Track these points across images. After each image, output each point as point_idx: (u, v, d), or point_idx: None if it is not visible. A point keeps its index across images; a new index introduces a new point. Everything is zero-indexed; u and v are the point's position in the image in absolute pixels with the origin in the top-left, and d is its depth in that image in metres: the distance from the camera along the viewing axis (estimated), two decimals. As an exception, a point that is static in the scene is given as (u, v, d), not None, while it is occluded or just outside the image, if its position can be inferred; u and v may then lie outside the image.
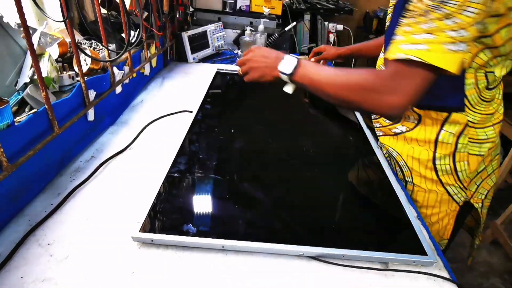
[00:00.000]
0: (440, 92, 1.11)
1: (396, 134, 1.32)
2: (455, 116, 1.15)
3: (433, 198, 1.28)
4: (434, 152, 1.22)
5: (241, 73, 1.39)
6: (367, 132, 1.61)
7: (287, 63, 1.21)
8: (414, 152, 1.26)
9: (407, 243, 1.03)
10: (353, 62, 3.30)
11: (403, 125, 1.29)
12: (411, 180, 1.31)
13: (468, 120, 1.14)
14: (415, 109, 1.22)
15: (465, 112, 1.13)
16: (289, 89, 1.29)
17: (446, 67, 0.85)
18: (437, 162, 1.22)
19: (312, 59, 1.90)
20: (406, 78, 0.91)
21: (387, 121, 1.35)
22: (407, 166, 1.31)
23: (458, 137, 1.17)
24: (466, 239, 1.62)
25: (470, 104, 1.12)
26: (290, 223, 1.07)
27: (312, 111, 1.91)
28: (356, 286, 0.91)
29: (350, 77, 1.03)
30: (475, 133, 1.16)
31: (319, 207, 1.17)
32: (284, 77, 1.25)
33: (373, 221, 1.14)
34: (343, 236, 1.05)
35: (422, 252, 0.98)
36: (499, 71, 1.08)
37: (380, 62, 1.39)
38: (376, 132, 1.46)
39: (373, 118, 1.45)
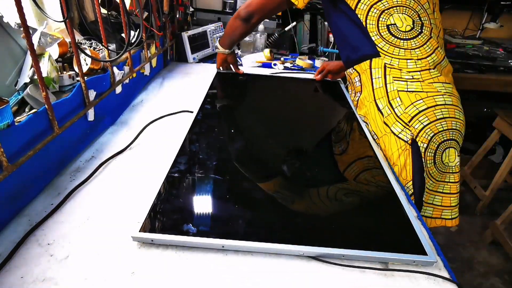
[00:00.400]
0: (357, 45, 1.45)
1: (357, 103, 1.62)
2: (374, 61, 1.42)
3: (387, 141, 1.44)
4: (375, 99, 1.45)
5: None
6: (367, 132, 1.62)
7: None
8: (367, 108, 1.53)
9: (407, 243, 1.03)
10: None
11: (356, 91, 1.61)
12: (374, 133, 1.51)
13: (385, 62, 1.39)
14: (355, 67, 1.54)
15: (381, 57, 1.40)
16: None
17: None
18: (379, 107, 1.44)
19: (318, 76, 2.24)
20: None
21: (353, 95, 1.70)
22: (370, 124, 1.53)
23: (384, 78, 1.40)
24: (466, 239, 1.62)
25: (382, 49, 1.39)
26: (290, 223, 1.07)
27: (312, 111, 1.92)
28: (356, 286, 0.91)
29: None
30: (398, 72, 1.38)
31: (319, 207, 1.17)
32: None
33: (373, 220, 1.13)
34: (343, 236, 1.04)
35: (422, 252, 0.98)
36: (400, 23, 1.37)
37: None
38: (353, 109, 1.72)
39: (353, 99, 1.74)
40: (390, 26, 1.36)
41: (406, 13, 1.35)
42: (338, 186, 1.29)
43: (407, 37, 1.36)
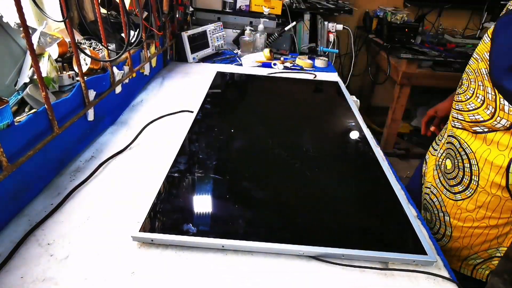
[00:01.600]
0: None
1: (476, 132, 1.28)
2: None
3: (495, 202, 1.25)
4: (510, 160, 1.18)
5: None
6: (367, 132, 1.62)
7: None
8: (490, 155, 1.22)
9: (407, 242, 1.03)
10: (353, 59, 3.31)
11: (486, 126, 1.24)
12: (477, 180, 1.27)
13: None
14: None
15: None
16: None
17: None
18: (511, 169, 1.18)
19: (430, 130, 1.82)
20: None
21: (472, 117, 1.29)
22: (478, 166, 1.26)
23: None
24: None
25: None
26: (290, 223, 1.07)
27: (312, 111, 1.92)
28: (356, 285, 0.91)
29: None
30: None
31: (318, 207, 1.17)
32: None
33: (372, 220, 1.13)
34: (343, 235, 1.05)
35: (422, 252, 0.98)
36: None
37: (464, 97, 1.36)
38: (452, 123, 1.42)
39: (456, 108, 1.39)
40: None
41: None
42: (338, 186, 1.29)
43: None
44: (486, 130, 1.24)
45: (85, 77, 1.33)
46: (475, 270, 1.39)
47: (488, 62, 1.22)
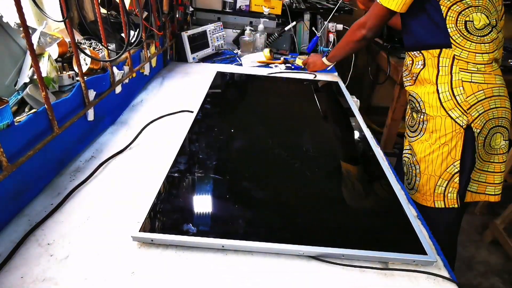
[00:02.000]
0: (431, 34, 1.55)
1: (414, 79, 1.69)
2: (444, 51, 1.53)
3: (439, 122, 1.57)
4: (437, 84, 1.56)
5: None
6: (367, 132, 1.62)
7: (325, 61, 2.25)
8: (425, 89, 1.62)
9: (407, 242, 1.03)
10: (353, 59, 3.30)
11: (413, 72, 1.69)
12: (424, 111, 1.62)
13: (455, 54, 1.51)
14: (421, 52, 1.62)
15: (452, 48, 1.51)
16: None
17: (392, 7, 1.54)
18: (440, 90, 1.55)
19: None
20: (370, 16, 1.70)
21: (406, 74, 1.81)
22: (422, 101, 1.63)
23: (451, 68, 1.52)
24: (466, 239, 1.62)
25: (455, 41, 1.50)
26: (290, 223, 1.07)
27: (312, 111, 1.92)
28: (356, 285, 0.91)
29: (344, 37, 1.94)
30: (464, 64, 1.50)
31: (318, 207, 1.17)
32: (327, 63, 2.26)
33: (372, 220, 1.14)
34: (343, 235, 1.05)
35: (422, 252, 0.98)
36: (477, 21, 1.47)
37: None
38: (405, 84, 1.83)
39: (404, 73, 1.86)
40: (467, 22, 1.48)
41: (483, 13, 1.48)
42: (338, 186, 1.29)
43: (480, 34, 1.49)
44: (416, 74, 1.67)
45: (85, 77, 1.33)
46: (446, 198, 1.62)
47: None
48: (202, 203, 1.13)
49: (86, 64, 1.44)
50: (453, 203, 1.61)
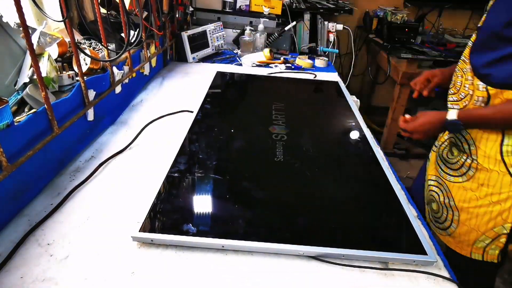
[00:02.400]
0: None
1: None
2: None
3: (495, 178, 1.32)
4: (503, 133, 1.29)
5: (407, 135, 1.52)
6: (367, 132, 1.62)
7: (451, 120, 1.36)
8: (484, 132, 1.33)
9: (407, 242, 1.03)
10: (353, 59, 3.31)
11: (466, 104, 1.36)
12: (476, 158, 1.36)
13: None
14: (488, 88, 1.27)
15: None
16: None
17: None
18: (505, 142, 1.29)
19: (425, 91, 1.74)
20: None
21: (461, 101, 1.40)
22: (475, 144, 1.36)
23: None
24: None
25: None
26: (290, 223, 1.07)
27: (312, 111, 1.92)
28: (356, 285, 0.91)
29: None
30: None
31: (318, 207, 1.17)
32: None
33: (372, 220, 1.14)
34: (343, 235, 1.05)
35: (422, 252, 0.98)
36: None
37: (462, 66, 1.42)
38: (450, 110, 1.41)
39: (450, 97, 1.46)
40: None
41: None
42: (338, 186, 1.29)
43: None
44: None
45: (84, 77, 1.33)
46: (485, 253, 1.42)
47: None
48: (202, 203, 1.13)
49: (86, 64, 1.44)
50: (493, 258, 1.42)
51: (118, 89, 1.63)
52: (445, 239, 1.51)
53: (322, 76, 2.40)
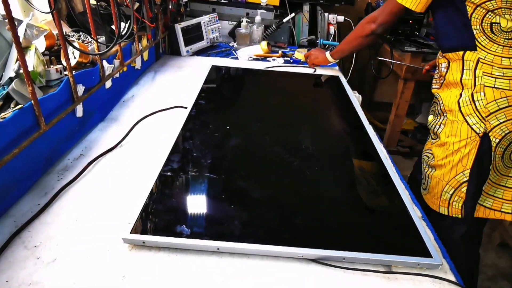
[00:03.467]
0: (454, 35, 1.55)
1: (441, 83, 1.68)
2: (469, 53, 1.51)
3: (455, 127, 1.55)
4: (462, 87, 1.55)
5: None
6: (369, 129, 1.62)
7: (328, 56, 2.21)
8: (449, 92, 1.61)
9: (411, 244, 1.03)
10: (354, 57, 3.30)
11: (441, 75, 1.69)
12: (445, 114, 1.61)
13: (480, 57, 1.48)
14: (444, 54, 1.63)
15: (477, 51, 1.49)
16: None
17: (408, 5, 1.55)
18: (462, 96, 1.53)
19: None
20: (383, 11, 1.71)
21: (436, 77, 1.77)
22: (443, 103, 1.61)
23: (474, 71, 1.50)
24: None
25: (481, 44, 1.48)
26: (288, 224, 1.07)
27: (311, 107, 1.92)
28: (358, 289, 0.92)
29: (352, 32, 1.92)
30: (489, 68, 1.47)
31: (318, 207, 1.17)
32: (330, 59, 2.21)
33: (375, 221, 1.14)
34: (344, 237, 1.05)
35: (427, 254, 0.99)
36: (504, 23, 1.44)
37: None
38: (432, 87, 1.79)
39: (435, 75, 1.79)
40: (493, 24, 1.45)
41: (511, 14, 1.44)
42: (339, 186, 1.30)
43: (507, 37, 1.45)
44: (443, 79, 1.66)
45: (73, 71, 1.33)
46: (451, 206, 1.61)
47: None
48: (196, 204, 1.13)
49: (75, 58, 1.44)
50: (457, 212, 1.60)
51: (108, 84, 1.62)
52: (426, 197, 1.72)
53: (322, 70, 2.40)
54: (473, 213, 1.63)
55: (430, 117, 1.75)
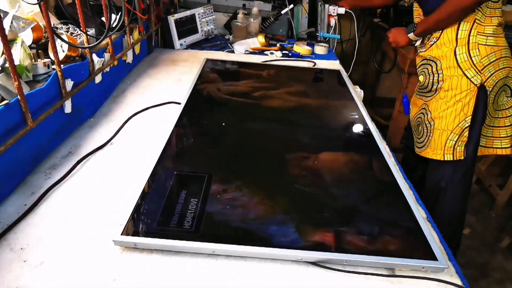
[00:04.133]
0: None
1: (431, 44, 1.95)
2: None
3: (455, 81, 1.86)
4: (456, 46, 1.84)
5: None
6: (371, 126, 1.62)
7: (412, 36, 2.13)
8: (443, 51, 1.90)
9: (416, 247, 1.03)
10: (356, 45, 3.31)
11: (436, 36, 1.93)
12: (441, 71, 1.91)
13: (476, 18, 1.78)
14: None
15: (475, 12, 1.77)
16: None
17: None
18: (457, 52, 1.84)
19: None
20: None
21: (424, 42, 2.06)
22: (440, 62, 1.91)
23: (470, 31, 1.80)
24: (480, 243, 1.62)
25: (480, 7, 1.76)
26: (287, 225, 1.07)
27: (311, 102, 1.92)
28: (360, 293, 0.92)
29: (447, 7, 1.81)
30: (482, 28, 1.79)
31: (318, 208, 1.17)
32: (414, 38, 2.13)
33: (378, 223, 1.14)
34: (345, 239, 1.05)
35: (432, 257, 0.99)
36: None
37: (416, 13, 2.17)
38: (419, 51, 2.10)
39: (420, 45, 2.10)
40: None
41: None
42: (340, 185, 1.30)
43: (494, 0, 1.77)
44: (434, 40, 1.94)
45: (61, 65, 1.32)
46: (455, 151, 1.92)
47: None
48: (191, 204, 1.12)
49: (63, 51, 1.44)
50: (461, 155, 1.92)
51: (98, 78, 1.62)
52: (424, 152, 2.06)
53: (322, 64, 2.40)
54: (476, 152, 1.97)
55: (421, 78, 2.06)
